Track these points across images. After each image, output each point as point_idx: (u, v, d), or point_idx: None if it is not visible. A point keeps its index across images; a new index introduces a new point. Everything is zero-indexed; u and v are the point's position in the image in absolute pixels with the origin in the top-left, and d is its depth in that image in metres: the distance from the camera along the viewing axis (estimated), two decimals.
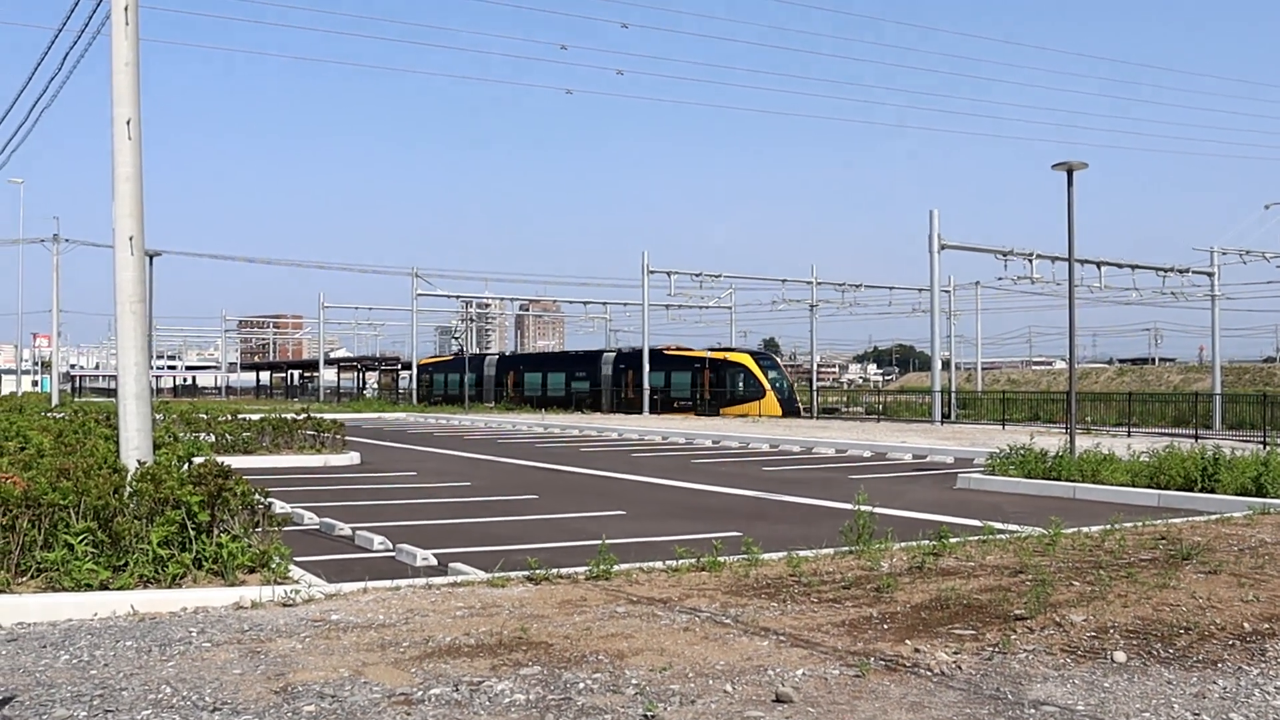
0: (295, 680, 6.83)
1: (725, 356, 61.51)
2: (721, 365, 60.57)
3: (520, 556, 11.14)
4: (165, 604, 9.10)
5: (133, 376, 12.27)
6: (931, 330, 48.64)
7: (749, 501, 18.44)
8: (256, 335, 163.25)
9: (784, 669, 7.13)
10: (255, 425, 27.76)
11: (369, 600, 9.34)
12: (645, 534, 14.11)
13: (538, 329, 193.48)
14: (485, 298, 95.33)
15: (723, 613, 8.83)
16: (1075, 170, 21.51)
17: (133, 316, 12.38)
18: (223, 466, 10.54)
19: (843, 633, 8.16)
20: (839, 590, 9.71)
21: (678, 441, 35.73)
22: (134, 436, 12.09)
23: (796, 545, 11.94)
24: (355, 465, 25.66)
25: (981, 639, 7.92)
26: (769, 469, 25.11)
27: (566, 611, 8.87)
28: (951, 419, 48.83)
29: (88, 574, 9.21)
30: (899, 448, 30.08)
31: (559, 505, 17.73)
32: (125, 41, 12.54)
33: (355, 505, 17.32)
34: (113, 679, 6.93)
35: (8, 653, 7.68)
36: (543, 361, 79.17)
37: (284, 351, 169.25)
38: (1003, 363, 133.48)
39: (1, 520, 9.34)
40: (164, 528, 9.60)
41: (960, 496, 19.18)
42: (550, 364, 76.51)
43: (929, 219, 46.40)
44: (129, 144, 12.45)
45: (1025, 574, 10.26)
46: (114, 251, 12.51)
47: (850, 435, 35.98)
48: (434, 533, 14.23)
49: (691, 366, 61.80)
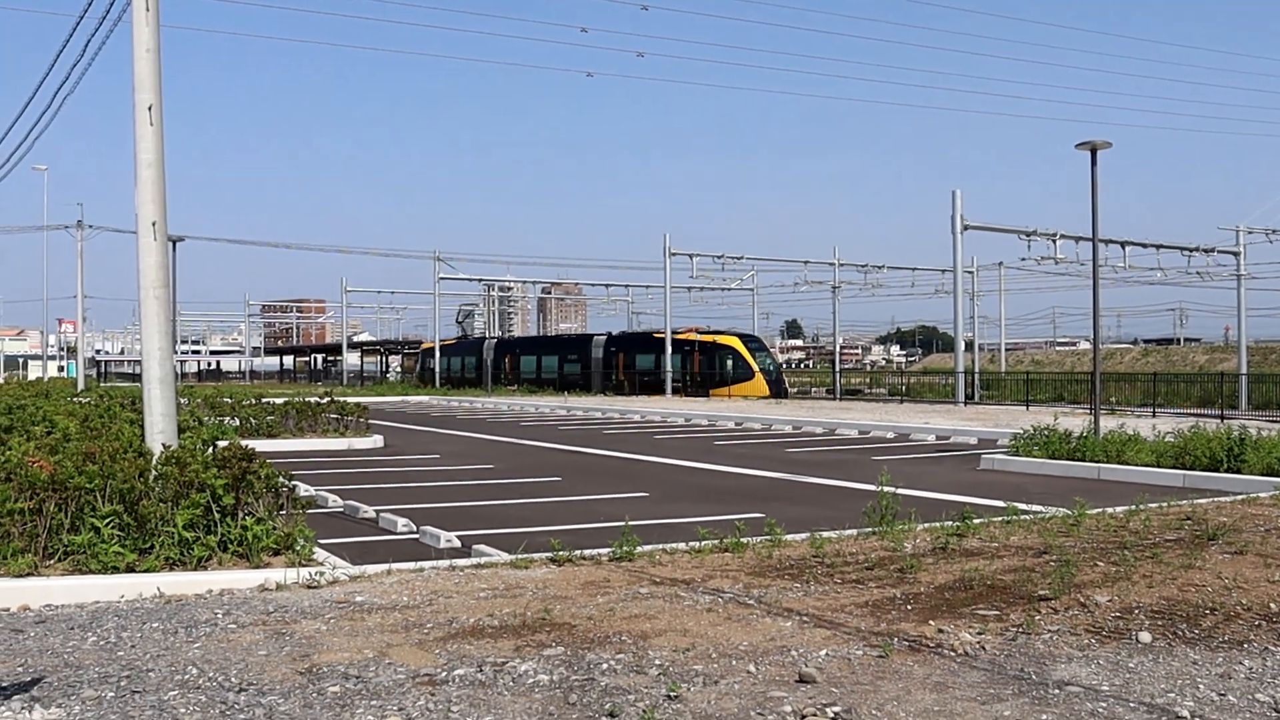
0: (320, 661, 6.86)
1: (715, 339, 61.97)
2: (711, 348, 61.12)
3: (543, 538, 11.16)
4: (191, 586, 9.15)
5: (157, 361, 12.33)
6: (955, 311, 48.52)
7: (772, 483, 18.43)
8: (280, 320, 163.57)
9: (807, 650, 7.13)
10: (279, 409, 27.86)
11: (393, 582, 9.38)
12: (668, 516, 14.12)
13: (560, 311, 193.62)
14: (507, 280, 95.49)
15: (746, 594, 8.84)
16: (1099, 149, 21.39)
17: (156, 302, 12.44)
18: (247, 450, 10.58)
19: (866, 613, 8.16)
20: (862, 571, 9.70)
21: (700, 424, 35.73)
22: (159, 421, 12.16)
23: (820, 526, 11.93)
24: (379, 448, 25.74)
25: (1005, 620, 7.90)
26: (792, 450, 25.09)
27: (590, 593, 8.88)
28: (975, 400, 48.65)
29: (114, 557, 9.27)
30: (922, 429, 30.01)
31: (582, 487, 17.76)
32: (146, 28, 12.58)
33: (379, 488, 17.37)
34: (139, 660, 6.98)
35: (36, 634, 7.74)
36: (537, 345, 79.53)
37: (307, 336, 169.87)
38: (1026, 343, 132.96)
39: (29, 504, 9.41)
40: (189, 510, 9.65)
41: (984, 477, 19.13)
42: (544, 347, 77.36)
43: (952, 200, 46.21)
44: (151, 130, 12.49)
45: (1049, 555, 10.23)
46: (137, 237, 12.57)
47: (873, 416, 35.91)
48: (457, 515, 14.27)
49: (682, 349, 61.98)
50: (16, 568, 9.05)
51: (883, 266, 69.78)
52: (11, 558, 9.15)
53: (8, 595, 8.74)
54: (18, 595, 8.76)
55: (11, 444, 11.71)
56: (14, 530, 9.34)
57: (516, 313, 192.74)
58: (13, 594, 8.76)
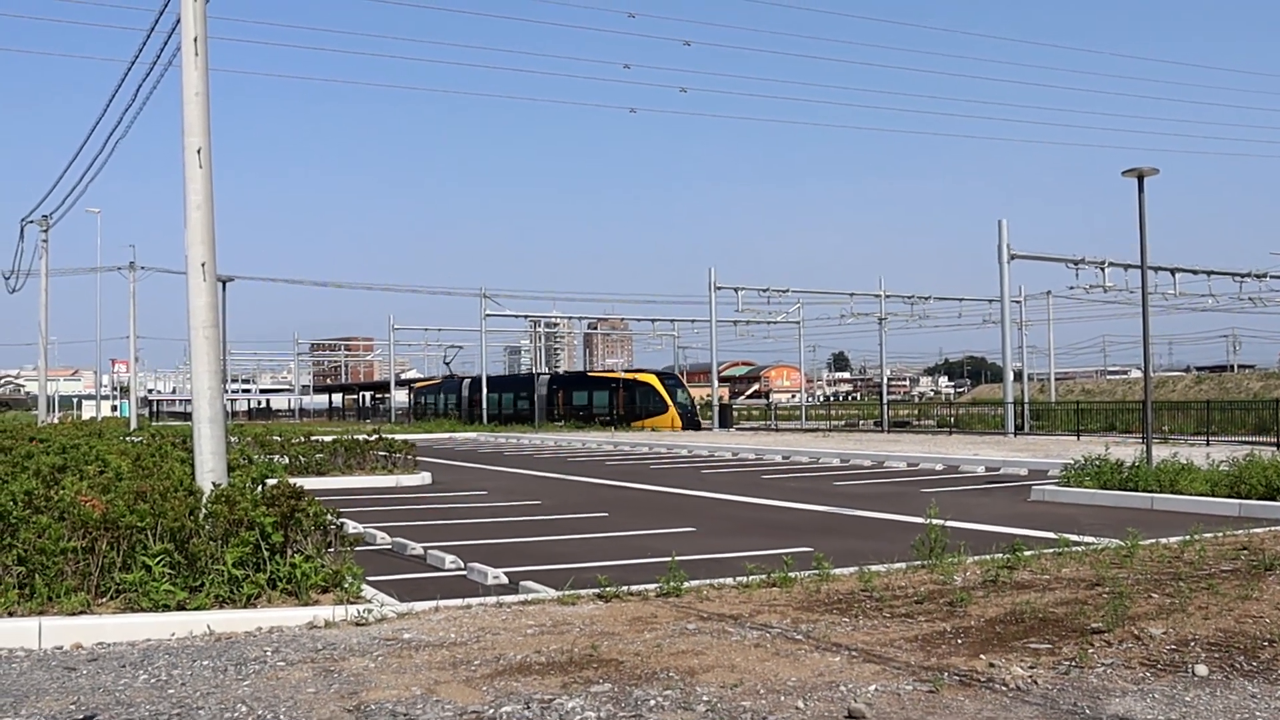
0: (368, 699, 6.88)
1: (635, 377, 68.94)
2: (632, 385, 67.55)
3: (590, 574, 11.14)
4: (240, 624, 9.20)
5: (207, 400, 12.43)
6: (1003, 341, 48.27)
7: (819, 517, 18.34)
8: (328, 358, 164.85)
9: (856, 685, 7.08)
10: (328, 447, 28.00)
11: (441, 619, 9.39)
12: (715, 550, 14.07)
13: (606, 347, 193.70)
14: (553, 316, 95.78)
15: (794, 628, 8.79)
16: (1146, 176, 21.23)
17: (206, 342, 12.55)
18: (296, 488, 10.64)
19: (916, 648, 8.10)
20: (911, 605, 9.63)
21: (748, 457, 35.64)
22: (209, 459, 12.25)
23: (868, 560, 11.85)
24: (427, 485, 25.81)
25: (1058, 653, 7.82)
26: (839, 484, 24.97)
27: (637, 629, 8.86)
28: (1025, 430, 48.32)
29: (165, 595, 9.34)
30: (971, 460, 29.81)
31: (628, 522, 17.73)
32: (195, 72, 12.74)
33: (427, 525, 17.41)
34: (190, 698, 7.02)
35: (89, 672, 7.80)
36: (500, 384, 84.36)
37: (355, 373, 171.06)
38: (1076, 373, 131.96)
39: (81, 542, 9.49)
40: (239, 548, 9.70)
41: (1034, 509, 18.95)
42: (505, 385, 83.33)
43: (998, 229, 46.08)
44: (200, 172, 12.63)
45: (1102, 586, 10.13)
46: (187, 278, 12.69)
47: (922, 449, 35.72)
48: (504, 551, 14.28)
49: (608, 386, 68.99)
50: (69, 606, 9.12)
51: (929, 297, 69.58)
52: (65, 596, 9.22)
53: (61, 633, 8.82)
54: (71, 633, 8.84)
55: (65, 483, 11.82)
56: (67, 569, 9.42)
57: (563, 349, 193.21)
58: (66, 632, 8.84)
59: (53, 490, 10.77)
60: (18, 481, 10.82)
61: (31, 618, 8.97)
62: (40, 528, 9.48)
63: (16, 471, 13.48)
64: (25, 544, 9.40)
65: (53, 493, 10.50)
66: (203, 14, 12.94)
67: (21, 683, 7.56)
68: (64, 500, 10.10)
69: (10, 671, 7.91)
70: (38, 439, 24.48)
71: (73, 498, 10.15)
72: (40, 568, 9.35)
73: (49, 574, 9.35)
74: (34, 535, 9.42)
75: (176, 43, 13.93)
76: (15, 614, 9.06)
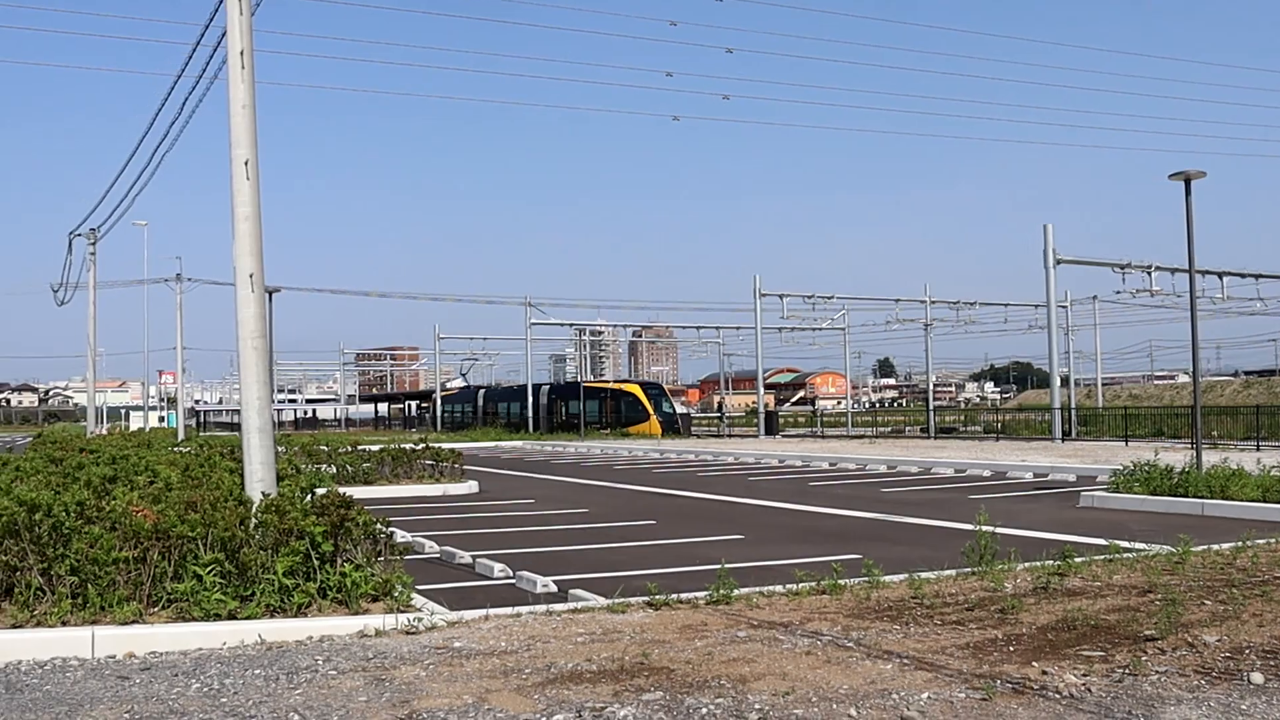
0: (420, 708, 6.89)
1: (621, 387, 74.48)
2: (619, 395, 72.19)
3: (639, 582, 11.13)
4: (291, 633, 9.24)
5: (255, 411, 12.50)
6: (1049, 346, 47.91)
7: (868, 524, 18.26)
8: (374, 367, 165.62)
9: (909, 692, 7.03)
10: (375, 456, 28.12)
11: (491, 627, 9.40)
12: (764, 558, 14.03)
13: (651, 355, 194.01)
14: (598, 325, 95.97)
15: (845, 636, 8.74)
16: (1193, 179, 21.03)
17: (254, 352, 12.63)
18: (345, 497, 10.68)
19: (967, 655, 8.04)
20: (962, 612, 9.57)
21: (794, 464, 35.53)
22: (258, 469, 12.32)
23: (917, 567, 11.78)
24: (474, 494, 25.87)
25: (1111, 660, 7.74)
26: (887, 490, 24.86)
27: (687, 636, 8.84)
28: (1072, 436, 47.93)
29: (216, 604, 9.39)
30: (1019, 466, 29.61)
31: (676, 530, 17.70)
32: (242, 85, 12.83)
33: (474, 533, 17.45)
34: (242, 707, 7.05)
35: (142, 681, 7.85)
36: (507, 394, 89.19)
37: (400, 383, 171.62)
38: (1123, 378, 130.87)
39: (133, 552, 9.56)
40: (289, 558, 9.75)
41: (1083, 515, 18.80)
42: (511, 396, 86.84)
43: (1044, 234, 45.76)
44: (247, 184, 12.72)
45: (1154, 593, 10.02)
46: (235, 289, 12.78)
47: (968, 455, 35.51)
48: (553, 559, 14.29)
49: (599, 396, 73.13)
50: (122, 615, 9.19)
51: (975, 303, 69.27)
52: (117, 605, 9.29)
53: (114, 642, 8.89)
54: (123, 642, 8.90)
55: (116, 494, 11.91)
56: (119, 578, 9.48)
57: (608, 357, 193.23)
58: (119, 641, 8.91)
59: (104, 501, 10.85)
60: (70, 492, 10.90)
61: (85, 627, 9.04)
62: (92, 538, 9.55)
63: (68, 482, 13.60)
64: (78, 554, 9.47)
65: (104, 503, 10.57)
66: (249, 27, 13.04)
67: (76, 691, 7.62)
68: (116, 510, 10.16)
69: (65, 680, 7.97)
70: (87, 450, 24.70)
71: (124, 508, 10.22)
72: (93, 577, 9.42)
73: (101, 583, 9.42)
74: (86, 545, 9.49)
75: (222, 56, 14.05)
76: (69, 623, 9.14)
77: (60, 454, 22.66)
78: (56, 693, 7.61)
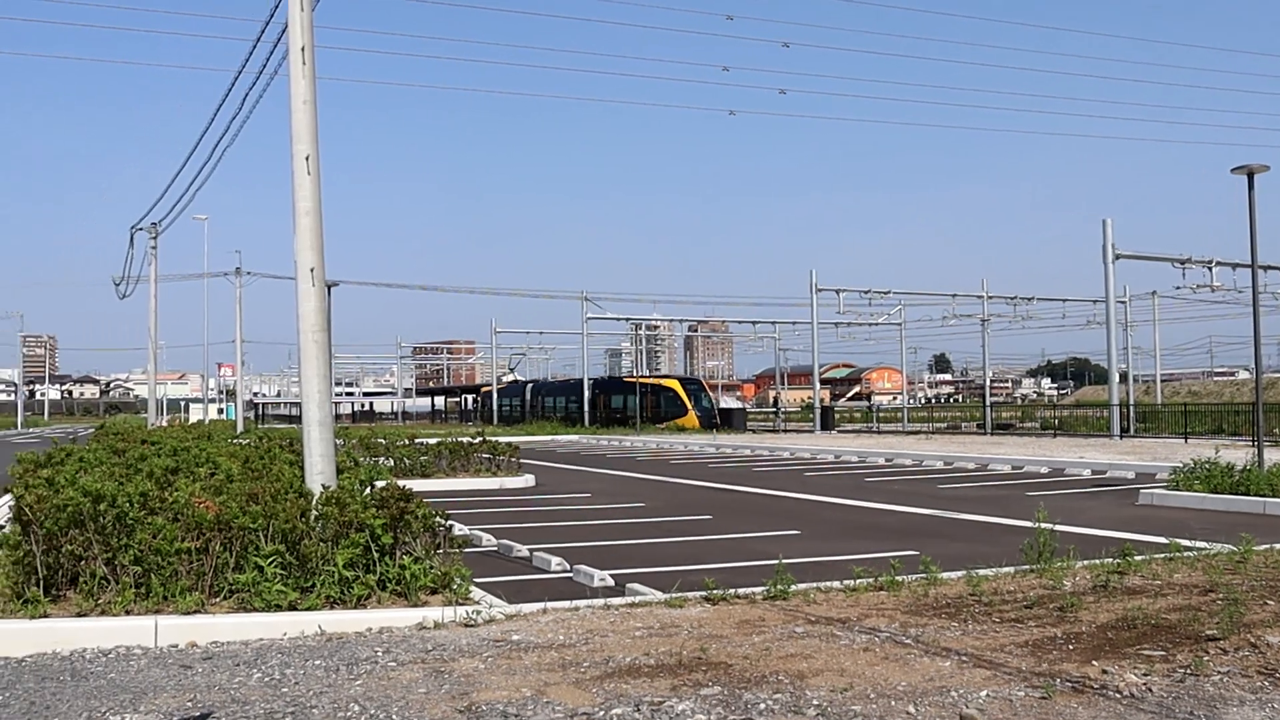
0: (479, 700, 6.91)
1: (659, 382, 75.45)
2: (658, 389, 73.28)
3: (696, 576, 11.13)
4: (351, 624, 9.30)
5: (316, 404, 12.57)
6: (1108, 342, 47.49)
7: (924, 520, 18.16)
8: (430, 361, 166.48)
9: (967, 690, 6.98)
10: (432, 449, 28.26)
11: (549, 620, 9.42)
12: (821, 553, 13.98)
13: (706, 349, 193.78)
14: (653, 319, 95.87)
15: (902, 633, 8.70)
16: (1256, 173, 20.75)
17: (315, 345, 12.70)
18: (404, 490, 10.73)
19: (1026, 653, 7.97)
20: (1021, 610, 9.49)
21: (850, 460, 35.40)
22: (318, 462, 12.39)
23: (975, 564, 11.69)
24: (530, 487, 25.93)
25: (1172, 660, 7.65)
26: (943, 486, 24.71)
27: (745, 631, 8.83)
28: (1130, 433, 47.45)
29: (277, 595, 9.47)
30: (1077, 463, 29.35)
31: (733, 525, 17.68)
32: (303, 81, 12.90)
33: (532, 527, 17.51)
34: (303, 697, 7.11)
35: (204, 670, 7.93)
36: (554, 388, 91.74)
37: (457, 376, 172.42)
38: (1182, 374, 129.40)
39: (195, 543, 9.66)
40: (349, 550, 9.81)
41: (1143, 513, 18.61)
42: (557, 390, 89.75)
43: (1102, 228, 45.36)
44: (308, 179, 12.79)
45: (1216, 593, 9.90)
46: (295, 283, 12.84)
47: (1026, 451, 35.24)
48: (610, 553, 14.30)
49: (640, 391, 73.60)
50: (184, 605, 9.29)
51: (1032, 298, 68.66)
52: (180, 595, 9.39)
53: (176, 632, 8.99)
54: (186, 632, 9.01)
55: (178, 485, 12.01)
56: (182, 568, 9.59)
57: (664, 351, 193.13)
58: (181, 630, 9.01)
59: (167, 492, 10.95)
60: (133, 483, 10.99)
61: (148, 616, 9.15)
62: (156, 528, 9.66)
63: (131, 473, 13.73)
64: (141, 544, 9.58)
65: (167, 494, 10.67)
66: (310, 23, 13.11)
67: (140, 680, 7.71)
68: (178, 502, 10.27)
69: (129, 669, 8.07)
70: (149, 441, 24.96)
71: (187, 499, 10.32)
72: (156, 567, 9.53)
73: (164, 574, 9.53)
74: (150, 536, 9.60)
75: (283, 52, 14.15)
76: (132, 612, 9.25)
77: (122, 445, 22.93)
78: (121, 680, 7.70)
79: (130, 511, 9.83)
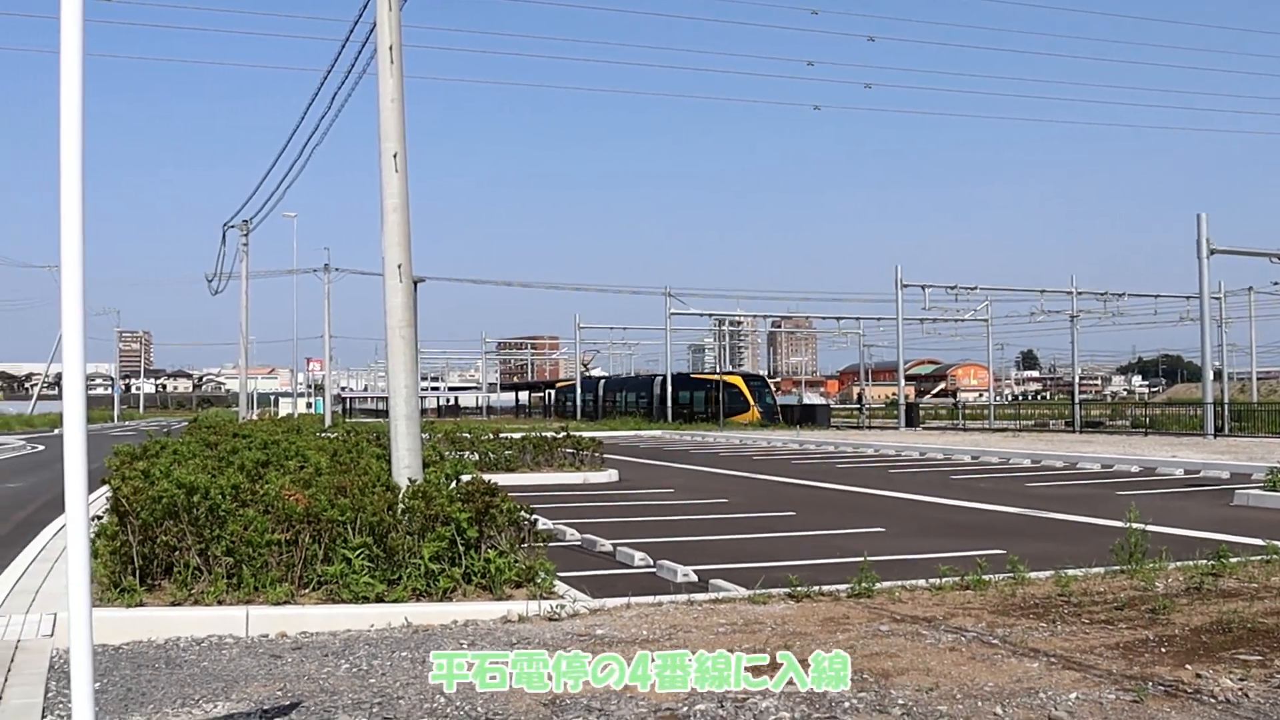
0: (563, 693, 6.95)
1: (723, 378, 76.01)
2: (723, 385, 73.63)
3: (779, 573, 11.10)
4: (436, 616, 9.40)
5: (403, 398, 12.71)
6: (1201, 339, 46.70)
7: (1011, 518, 17.98)
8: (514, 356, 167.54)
9: (1056, 692, 6.91)
10: (516, 444, 28.41)
11: (632, 616, 9.46)
12: (905, 551, 13.90)
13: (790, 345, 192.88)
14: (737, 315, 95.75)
15: (989, 632, 8.63)
16: None
17: (402, 341, 12.84)
18: (490, 484, 10.81)
19: (1116, 655, 7.87)
20: (1111, 611, 9.37)
21: (935, 457, 35.13)
22: (405, 455, 12.52)
23: (1063, 564, 11.55)
24: (613, 482, 26.02)
25: (1269, 665, 7.52)
26: (1031, 485, 24.44)
27: (829, 629, 8.80)
28: (1224, 432, 46.60)
29: (365, 587, 9.59)
30: (1169, 462, 28.89)
31: (816, 521, 17.63)
32: (391, 79, 13.03)
33: (614, 522, 17.56)
34: (390, 688, 7.20)
35: (293, 660, 8.06)
36: (623, 384, 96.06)
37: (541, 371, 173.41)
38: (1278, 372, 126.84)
39: (285, 535, 9.81)
40: (435, 543, 9.91)
41: (1238, 514, 18.28)
42: (627, 386, 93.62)
43: (1197, 223, 44.59)
44: (396, 176, 12.92)
45: None
46: (383, 279, 12.99)
47: (1116, 450, 34.76)
48: (693, 549, 14.31)
49: (705, 387, 76.37)
50: (274, 596, 9.44)
51: (1123, 294, 67.68)
52: (270, 586, 9.54)
53: (267, 622, 9.14)
54: (276, 622, 9.16)
55: (269, 478, 12.18)
56: (272, 560, 9.74)
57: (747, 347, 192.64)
58: (271, 621, 9.16)
59: (258, 484, 11.11)
60: (225, 476, 11.18)
61: (239, 606, 9.32)
62: (247, 520, 9.81)
63: (223, 466, 13.94)
64: (233, 535, 9.74)
65: (258, 487, 10.84)
66: (398, 22, 13.24)
67: (231, 668, 7.85)
68: (269, 494, 10.42)
69: (221, 658, 8.22)
70: (240, 434, 25.32)
71: (277, 491, 10.47)
72: (247, 558, 9.68)
73: (255, 565, 9.68)
74: (241, 527, 9.75)
75: (371, 51, 14.31)
76: (225, 602, 9.42)
77: (214, 438, 23.27)
78: (213, 669, 7.85)
79: (222, 503, 10.00)
